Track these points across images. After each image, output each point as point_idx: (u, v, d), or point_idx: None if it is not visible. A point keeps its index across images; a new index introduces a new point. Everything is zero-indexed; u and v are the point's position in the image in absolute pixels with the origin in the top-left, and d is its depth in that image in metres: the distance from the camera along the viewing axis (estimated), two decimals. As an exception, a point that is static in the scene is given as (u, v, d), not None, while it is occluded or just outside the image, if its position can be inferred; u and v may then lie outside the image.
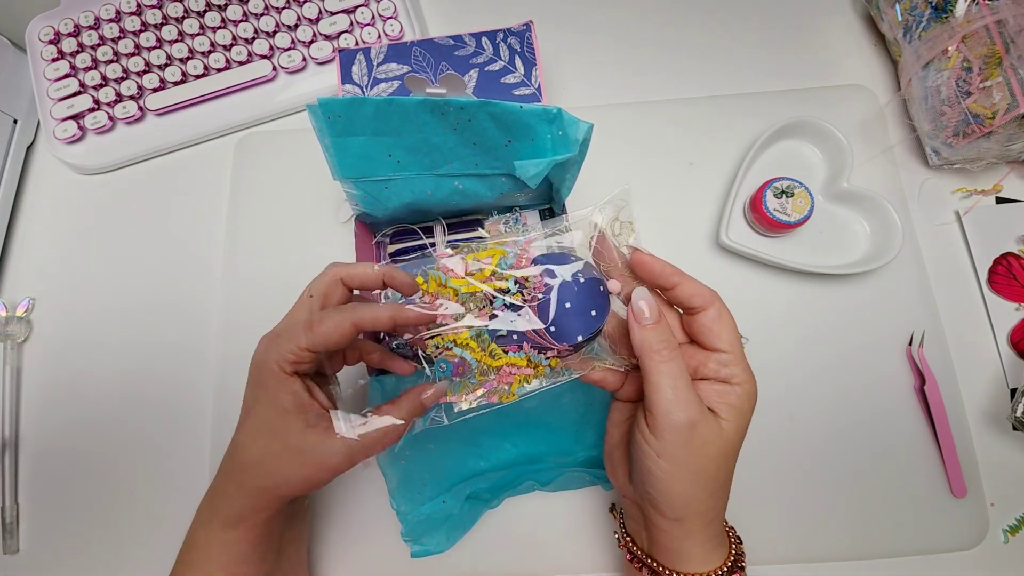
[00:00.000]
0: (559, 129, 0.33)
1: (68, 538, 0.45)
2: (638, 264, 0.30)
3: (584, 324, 0.29)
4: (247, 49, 0.52)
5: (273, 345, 0.30)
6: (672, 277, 0.30)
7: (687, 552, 0.30)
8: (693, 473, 0.28)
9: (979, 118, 0.43)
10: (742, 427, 0.29)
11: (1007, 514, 0.43)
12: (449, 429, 0.40)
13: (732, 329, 0.30)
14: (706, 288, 0.30)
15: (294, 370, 0.30)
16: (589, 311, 0.29)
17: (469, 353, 0.29)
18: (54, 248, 0.52)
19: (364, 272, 0.31)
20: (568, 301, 0.29)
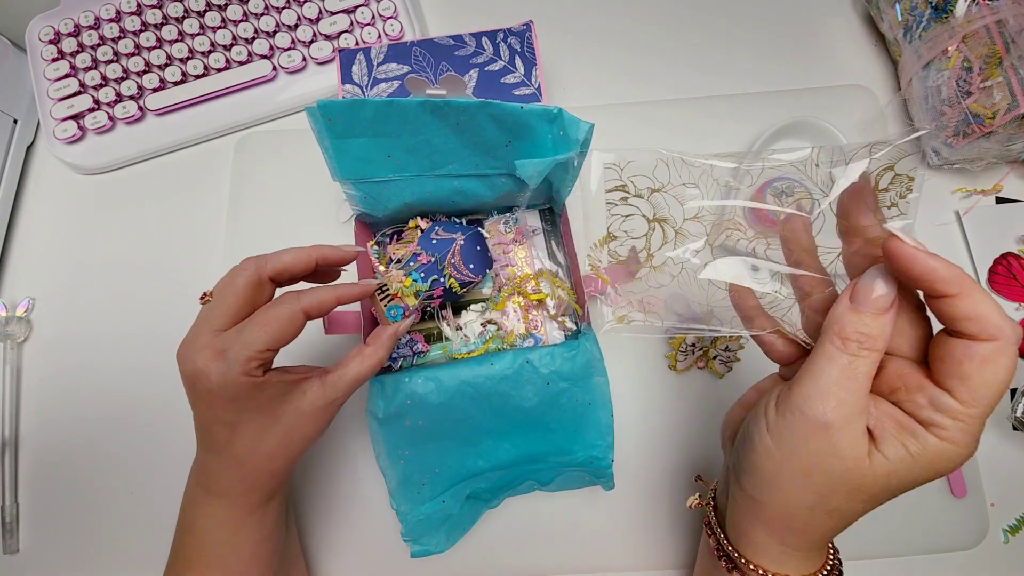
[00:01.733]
0: (559, 129, 0.33)
1: (68, 538, 0.45)
2: (895, 255, 0.22)
3: (487, 263, 0.40)
4: (247, 49, 0.52)
5: (225, 361, 0.28)
6: (952, 284, 0.21)
7: (752, 535, 0.27)
8: (795, 469, 0.24)
9: (979, 118, 0.43)
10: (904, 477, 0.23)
11: (1007, 514, 0.43)
12: (449, 429, 0.41)
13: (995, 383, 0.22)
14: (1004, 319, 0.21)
15: (264, 371, 0.30)
16: (487, 254, 0.40)
17: (408, 298, 0.35)
18: (54, 248, 0.52)
19: (294, 258, 0.31)
20: (478, 246, 0.39)
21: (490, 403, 0.39)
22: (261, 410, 0.30)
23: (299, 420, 0.31)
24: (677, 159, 0.29)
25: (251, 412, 0.30)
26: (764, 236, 0.31)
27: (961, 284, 0.21)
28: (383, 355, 0.32)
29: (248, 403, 0.30)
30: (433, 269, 0.36)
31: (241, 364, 0.28)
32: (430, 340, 0.42)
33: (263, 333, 0.29)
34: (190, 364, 0.29)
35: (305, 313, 0.30)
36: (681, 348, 0.44)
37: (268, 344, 0.29)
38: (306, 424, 0.31)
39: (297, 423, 0.31)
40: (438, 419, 0.40)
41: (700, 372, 0.45)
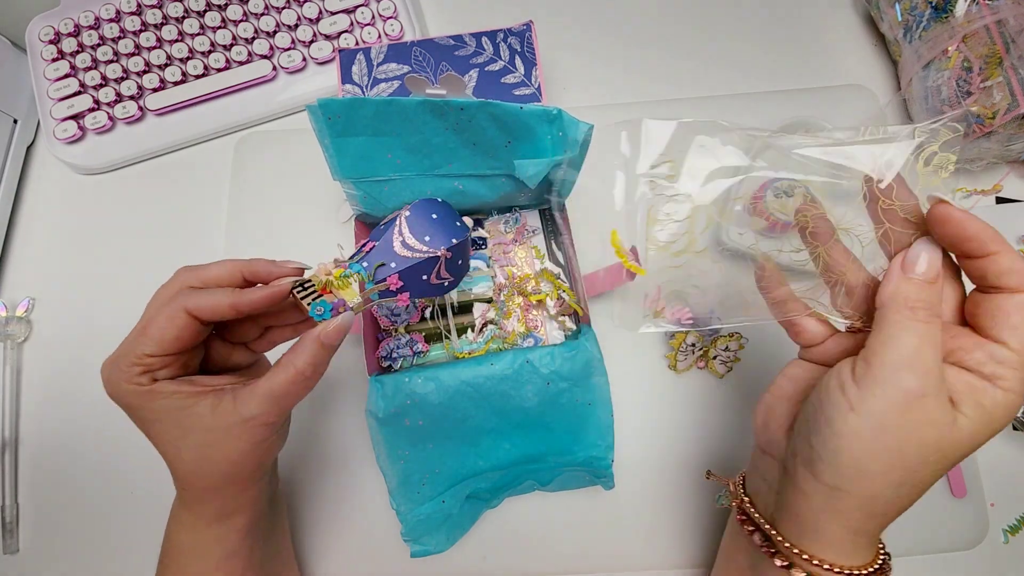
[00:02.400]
0: (559, 130, 0.33)
1: (68, 538, 0.45)
2: (941, 220, 0.24)
3: (453, 231, 0.31)
4: (247, 49, 0.52)
5: (115, 368, 0.27)
6: (990, 244, 0.23)
7: (825, 529, 0.25)
8: (888, 446, 0.23)
9: (979, 118, 0.43)
10: (980, 434, 0.24)
11: (1007, 514, 0.43)
12: (449, 429, 0.41)
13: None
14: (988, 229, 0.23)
15: (152, 379, 0.27)
16: (454, 222, 0.32)
17: (345, 292, 0.28)
18: (54, 248, 0.52)
19: (219, 271, 0.29)
20: (434, 213, 0.31)
21: (490, 403, 0.40)
22: (164, 422, 0.28)
23: (211, 436, 0.28)
24: (740, 134, 0.28)
25: (153, 424, 0.28)
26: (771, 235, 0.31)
27: (1001, 242, 0.23)
28: (301, 364, 0.27)
29: (146, 414, 0.28)
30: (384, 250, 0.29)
31: (124, 372, 0.27)
32: (430, 340, 0.42)
33: (143, 340, 0.27)
34: (103, 379, 0.28)
35: (188, 312, 0.27)
36: (681, 348, 0.44)
37: (150, 350, 0.27)
38: (223, 441, 0.28)
39: (210, 439, 0.28)
40: (438, 419, 0.40)
41: (700, 372, 0.45)
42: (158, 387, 0.27)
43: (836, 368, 0.26)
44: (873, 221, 0.27)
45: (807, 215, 0.27)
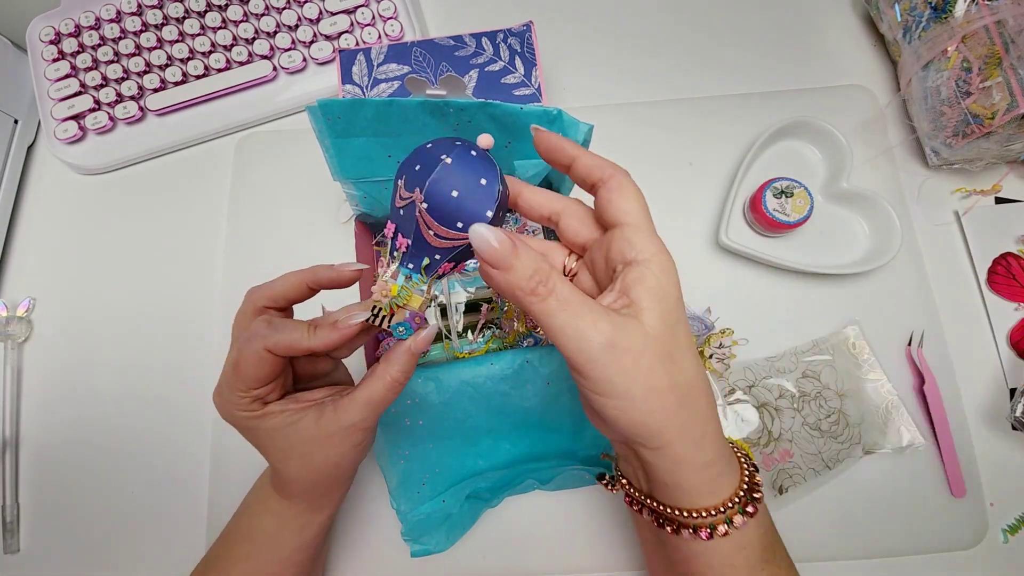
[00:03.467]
0: (559, 130, 0.33)
1: (68, 538, 0.45)
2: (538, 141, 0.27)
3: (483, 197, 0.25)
4: (247, 49, 0.52)
5: (224, 401, 0.30)
6: (569, 150, 0.27)
7: (685, 483, 0.26)
8: (642, 395, 0.24)
9: (979, 118, 0.43)
10: (668, 312, 0.24)
11: (1006, 514, 0.43)
12: (448, 428, 0.41)
13: (636, 200, 0.26)
14: (609, 162, 0.27)
15: (262, 404, 0.29)
16: (478, 181, 0.25)
17: (411, 302, 0.28)
18: (54, 248, 0.52)
19: (284, 286, 0.30)
20: (453, 189, 0.24)
21: (490, 403, 0.40)
22: (273, 438, 0.30)
23: (314, 446, 0.30)
24: None
25: (265, 440, 0.30)
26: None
27: (578, 149, 0.27)
28: (396, 374, 0.29)
29: (260, 433, 0.30)
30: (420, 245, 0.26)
31: (232, 404, 0.29)
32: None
33: (239, 377, 0.28)
34: (218, 407, 0.31)
35: (271, 352, 0.28)
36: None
37: (247, 386, 0.28)
38: (325, 448, 0.30)
39: (314, 448, 0.30)
40: (438, 419, 0.40)
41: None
42: (269, 409, 0.30)
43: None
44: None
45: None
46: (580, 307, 0.23)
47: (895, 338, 0.46)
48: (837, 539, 0.42)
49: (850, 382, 0.44)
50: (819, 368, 0.45)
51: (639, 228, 0.25)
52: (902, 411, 0.44)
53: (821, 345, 0.45)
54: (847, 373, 0.45)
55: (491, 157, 0.26)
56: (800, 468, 0.43)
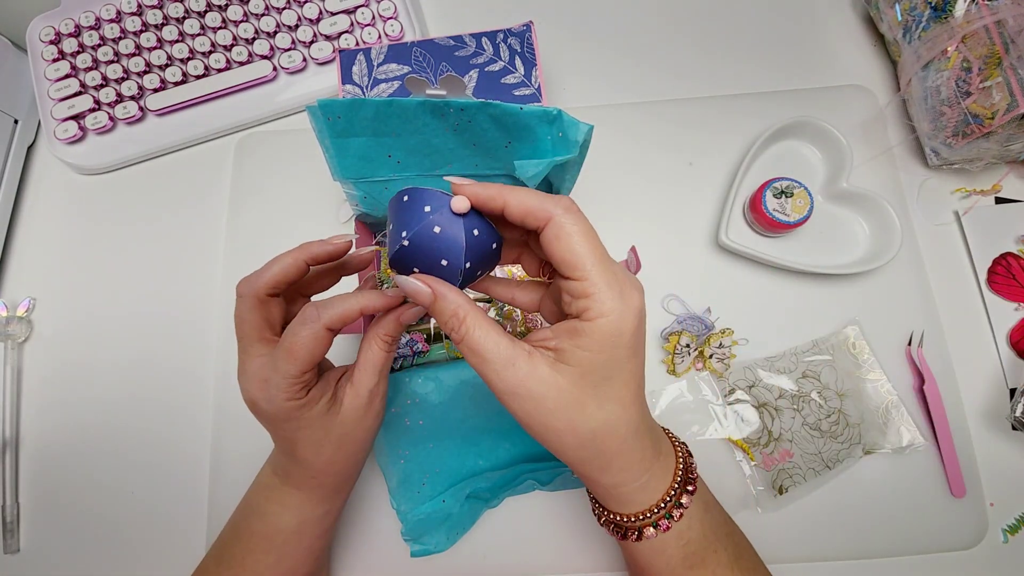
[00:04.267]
0: (559, 130, 0.33)
1: (68, 538, 0.45)
2: (463, 196, 0.25)
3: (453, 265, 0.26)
4: (247, 49, 0.52)
5: (271, 394, 0.29)
6: (496, 199, 0.25)
7: (599, 496, 0.29)
8: (540, 431, 0.26)
9: (979, 118, 0.43)
10: (594, 369, 0.25)
11: (1006, 514, 0.43)
12: (448, 428, 0.41)
13: (579, 247, 0.24)
14: (546, 200, 0.25)
15: (307, 391, 0.30)
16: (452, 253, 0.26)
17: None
18: (54, 248, 0.52)
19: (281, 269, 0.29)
20: (434, 251, 0.26)
21: (490, 403, 0.40)
22: (312, 427, 0.31)
23: (347, 427, 0.32)
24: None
25: (304, 431, 0.31)
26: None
27: (501, 193, 0.25)
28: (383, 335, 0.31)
29: (299, 423, 0.30)
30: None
31: (283, 392, 0.29)
32: (430, 340, 0.42)
33: (294, 361, 0.28)
34: (245, 393, 0.31)
35: (328, 330, 0.29)
36: (676, 351, 0.44)
37: (301, 369, 0.29)
38: (354, 428, 0.32)
39: (346, 430, 0.32)
40: (438, 419, 0.40)
41: (699, 372, 0.45)
42: (312, 396, 0.30)
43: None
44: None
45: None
46: (487, 354, 0.25)
47: (895, 338, 0.46)
48: (837, 539, 0.42)
49: (850, 382, 0.44)
50: (819, 368, 0.45)
51: (585, 282, 0.24)
52: (902, 411, 0.44)
53: (821, 345, 0.45)
54: (847, 373, 0.45)
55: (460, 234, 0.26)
56: (800, 468, 0.43)
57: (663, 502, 0.28)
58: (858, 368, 0.45)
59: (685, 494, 0.29)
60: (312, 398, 0.30)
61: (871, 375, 0.45)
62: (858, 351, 0.45)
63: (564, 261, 0.24)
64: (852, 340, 0.45)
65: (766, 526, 0.42)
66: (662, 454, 0.29)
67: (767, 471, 0.43)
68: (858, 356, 0.45)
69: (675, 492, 0.28)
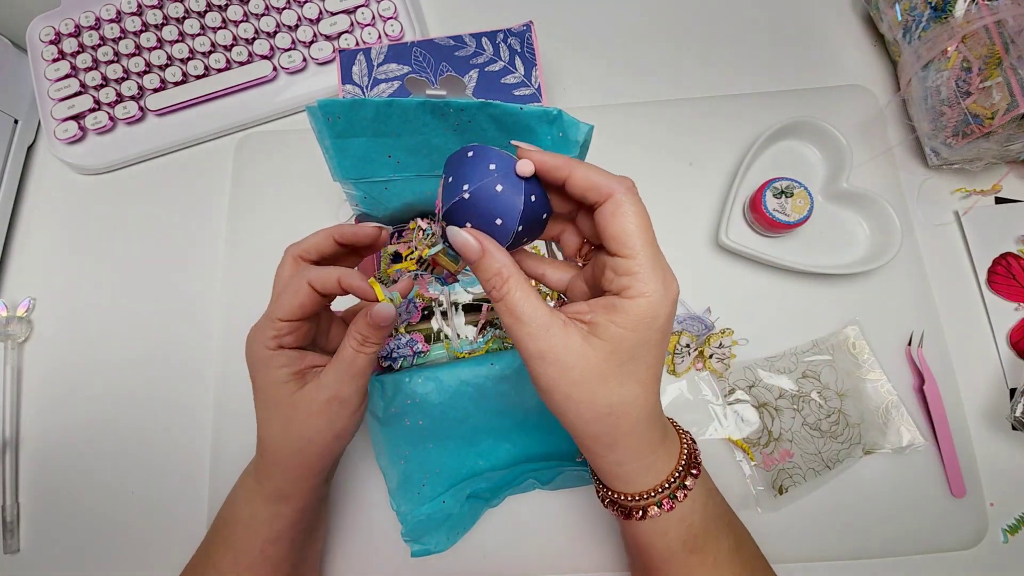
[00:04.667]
0: (559, 131, 0.33)
1: (68, 538, 0.45)
2: (526, 160, 0.26)
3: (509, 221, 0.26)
4: (247, 49, 0.52)
5: (255, 333, 0.31)
6: (562, 169, 0.26)
7: (603, 474, 0.29)
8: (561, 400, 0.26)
9: (979, 118, 0.43)
10: (624, 348, 0.25)
11: (1007, 514, 0.43)
12: (449, 429, 0.41)
13: (633, 226, 0.25)
14: (610, 178, 0.25)
15: (277, 344, 0.31)
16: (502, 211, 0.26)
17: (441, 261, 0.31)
18: (54, 248, 0.52)
19: (315, 240, 0.33)
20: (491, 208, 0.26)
21: (490, 403, 0.40)
22: (266, 390, 0.31)
23: (296, 412, 0.31)
24: None
25: (260, 391, 0.32)
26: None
27: (568, 164, 0.26)
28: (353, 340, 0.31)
29: (258, 377, 0.31)
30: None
31: (261, 332, 0.31)
32: (430, 340, 0.42)
33: (276, 306, 0.30)
34: (246, 343, 0.32)
35: (309, 283, 0.30)
36: (677, 351, 0.44)
37: (280, 315, 0.30)
38: (304, 417, 0.31)
39: (295, 415, 0.31)
40: (438, 419, 0.40)
41: (699, 372, 0.45)
42: (278, 353, 0.31)
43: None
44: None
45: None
46: (524, 316, 0.25)
47: (895, 338, 0.46)
48: (837, 539, 0.42)
49: (850, 382, 0.44)
50: (819, 368, 0.45)
51: (636, 262, 0.25)
52: (902, 411, 0.44)
53: (821, 345, 0.45)
54: (847, 373, 0.45)
55: (522, 181, 0.26)
56: (800, 468, 0.43)
57: (667, 482, 0.28)
58: (858, 368, 0.45)
59: (689, 476, 0.29)
60: (277, 356, 0.31)
61: (871, 375, 0.45)
62: (858, 351, 0.45)
63: (616, 238, 0.25)
64: (852, 340, 0.45)
65: (766, 526, 0.42)
66: (668, 439, 0.29)
67: (767, 471, 0.43)
68: (858, 356, 0.45)
69: (679, 474, 0.29)
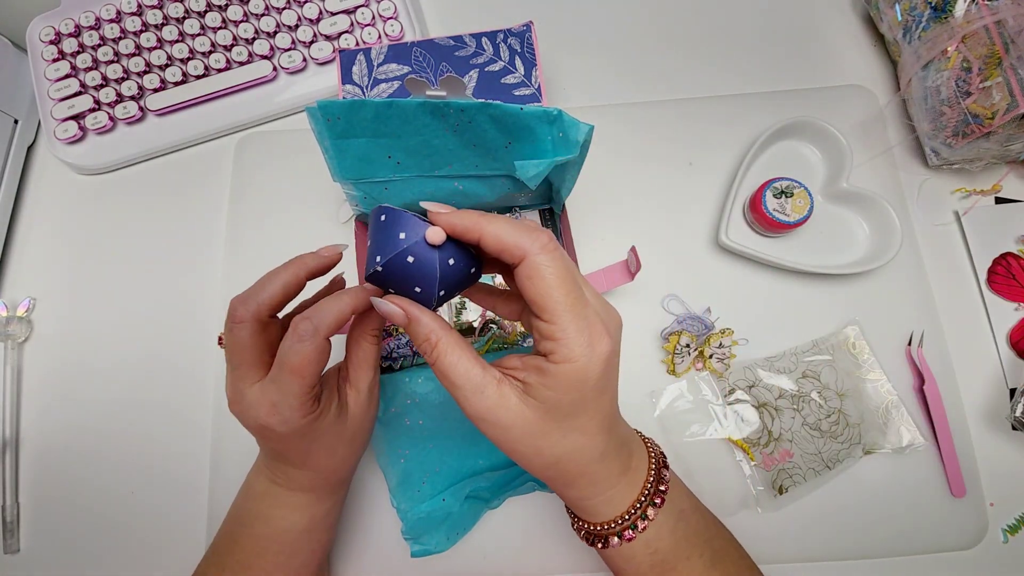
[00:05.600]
0: (559, 131, 0.33)
1: (68, 538, 0.45)
2: (440, 225, 0.25)
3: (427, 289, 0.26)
4: (247, 49, 0.52)
5: (283, 410, 0.29)
6: (471, 231, 0.25)
7: (570, 504, 0.30)
8: (509, 450, 0.27)
9: (979, 118, 0.43)
10: (559, 407, 0.25)
11: (1007, 514, 0.43)
12: (448, 428, 0.41)
13: (551, 289, 0.24)
14: (521, 236, 0.24)
15: (317, 403, 0.30)
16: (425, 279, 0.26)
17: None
18: (54, 248, 0.52)
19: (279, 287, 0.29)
20: (406, 279, 0.26)
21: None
22: (328, 433, 0.31)
23: (355, 425, 0.33)
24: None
25: (320, 439, 0.31)
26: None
27: (478, 225, 0.24)
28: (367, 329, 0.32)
29: (315, 434, 0.31)
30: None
31: (297, 411, 0.29)
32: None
33: (301, 380, 0.28)
34: (252, 421, 0.29)
35: (327, 340, 0.28)
36: (676, 351, 0.44)
37: (311, 385, 0.29)
38: (361, 424, 0.33)
39: (355, 428, 0.33)
40: (438, 418, 0.40)
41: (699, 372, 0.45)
42: (323, 406, 0.31)
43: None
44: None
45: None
46: (457, 380, 0.26)
47: (895, 338, 0.46)
48: (837, 539, 0.42)
49: (850, 382, 0.44)
50: (819, 368, 0.45)
51: (553, 325, 0.24)
52: (902, 411, 0.44)
53: (821, 345, 0.45)
54: (847, 373, 0.45)
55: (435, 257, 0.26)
56: (800, 468, 0.43)
57: (627, 514, 0.29)
58: (858, 368, 0.45)
59: (651, 507, 0.29)
60: (324, 407, 0.31)
61: (871, 375, 0.45)
62: (858, 351, 0.45)
63: (535, 303, 0.24)
64: (852, 340, 0.45)
65: (766, 526, 0.42)
66: (631, 470, 0.30)
67: (767, 471, 0.43)
68: (858, 356, 0.45)
69: (640, 505, 0.29)
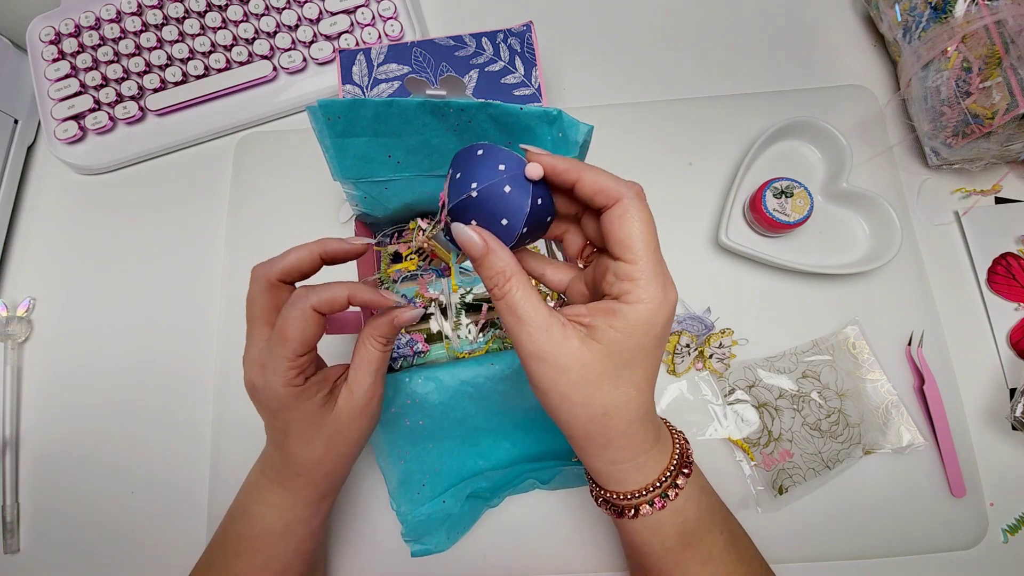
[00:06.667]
0: (559, 131, 0.33)
1: (68, 538, 0.45)
2: (535, 164, 0.26)
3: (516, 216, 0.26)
4: (247, 49, 0.52)
5: (268, 378, 0.30)
6: (571, 172, 0.26)
7: (596, 472, 0.29)
8: (556, 401, 0.26)
9: (979, 118, 0.43)
10: (621, 352, 0.25)
11: (1007, 514, 0.43)
12: (448, 428, 0.41)
13: (638, 232, 0.25)
14: (619, 182, 0.26)
15: (304, 378, 0.30)
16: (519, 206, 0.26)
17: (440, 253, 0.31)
18: (54, 248, 0.52)
19: (295, 259, 0.30)
20: (497, 209, 0.26)
21: (490, 403, 0.40)
22: (306, 420, 0.31)
23: (339, 424, 0.32)
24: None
25: (297, 422, 0.31)
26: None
27: (577, 168, 0.26)
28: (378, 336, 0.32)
29: (294, 412, 0.31)
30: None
31: (280, 375, 0.29)
32: (430, 340, 0.42)
33: (285, 342, 0.29)
34: (246, 377, 0.31)
35: (316, 310, 0.29)
36: (677, 351, 0.44)
37: (295, 351, 0.29)
38: (347, 426, 0.32)
39: (339, 427, 0.32)
40: (438, 419, 0.40)
41: (699, 372, 0.45)
42: (308, 386, 0.31)
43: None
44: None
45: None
46: (525, 316, 0.25)
47: (895, 338, 0.46)
48: (837, 539, 0.42)
49: (850, 382, 0.44)
50: (819, 368, 0.45)
51: (638, 268, 0.25)
52: (902, 411, 0.44)
53: (821, 345, 0.45)
54: (847, 373, 0.45)
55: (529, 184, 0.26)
56: (800, 468, 0.43)
57: (659, 481, 0.28)
58: (858, 368, 0.45)
59: (681, 475, 0.29)
60: (308, 388, 0.31)
61: (871, 375, 0.45)
62: (858, 351, 0.45)
63: (621, 242, 0.25)
64: (852, 340, 0.45)
65: (766, 526, 0.42)
66: (661, 439, 0.30)
67: (767, 471, 0.43)
68: (858, 356, 0.45)
69: (671, 473, 0.29)
